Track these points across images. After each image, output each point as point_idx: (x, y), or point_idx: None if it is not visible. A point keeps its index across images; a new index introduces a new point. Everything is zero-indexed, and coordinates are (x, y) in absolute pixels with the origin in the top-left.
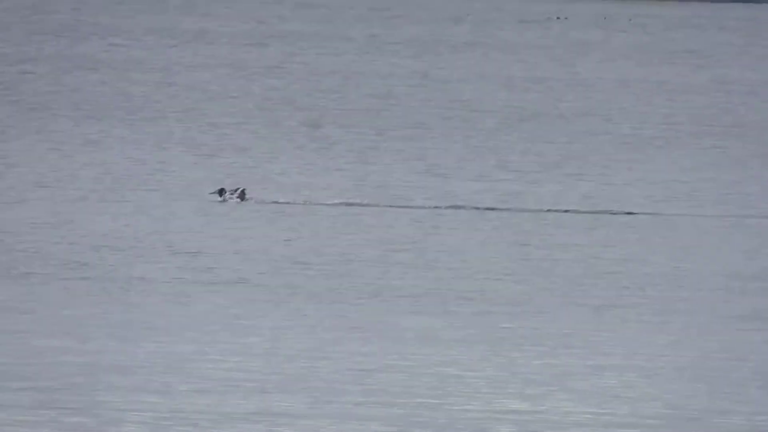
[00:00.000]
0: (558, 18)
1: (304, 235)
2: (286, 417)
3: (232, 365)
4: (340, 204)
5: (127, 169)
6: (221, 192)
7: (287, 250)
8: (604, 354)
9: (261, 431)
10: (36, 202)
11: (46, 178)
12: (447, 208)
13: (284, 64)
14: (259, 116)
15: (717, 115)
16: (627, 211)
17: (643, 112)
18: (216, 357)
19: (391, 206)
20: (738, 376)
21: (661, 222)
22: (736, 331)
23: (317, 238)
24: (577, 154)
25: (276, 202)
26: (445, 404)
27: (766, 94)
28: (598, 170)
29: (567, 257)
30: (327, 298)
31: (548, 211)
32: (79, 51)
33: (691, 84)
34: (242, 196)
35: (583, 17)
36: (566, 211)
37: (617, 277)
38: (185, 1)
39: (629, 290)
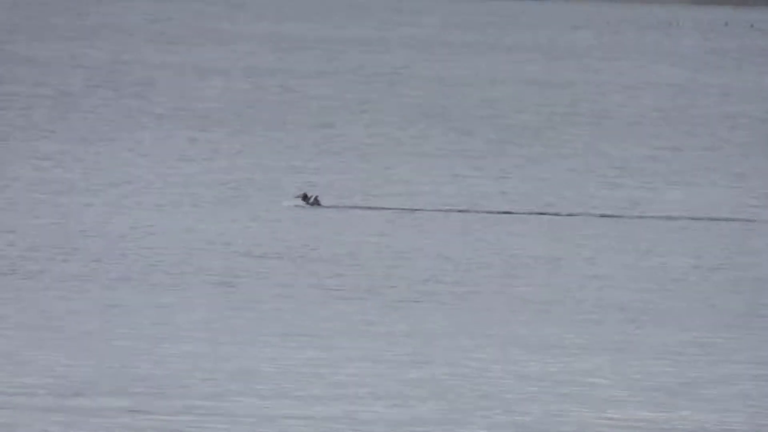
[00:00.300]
0: (678, 24)
1: (428, 243)
2: (411, 425)
3: (361, 371)
4: (464, 211)
5: (249, 176)
6: (305, 197)
7: (412, 257)
8: (734, 362)
9: None
10: (159, 209)
11: (168, 185)
12: (567, 215)
13: (404, 70)
14: (381, 122)
15: None
16: (750, 218)
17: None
18: (346, 364)
19: (512, 213)
20: None
21: None
22: None
23: (442, 246)
24: (701, 160)
25: (398, 209)
26: (571, 413)
27: None
28: (723, 178)
29: (690, 265)
30: (454, 306)
31: (672, 218)
32: (201, 58)
33: None
34: (317, 202)
35: (703, 23)
36: (690, 218)
37: (743, 284)
38: (305, 9)
39: (757, 297)
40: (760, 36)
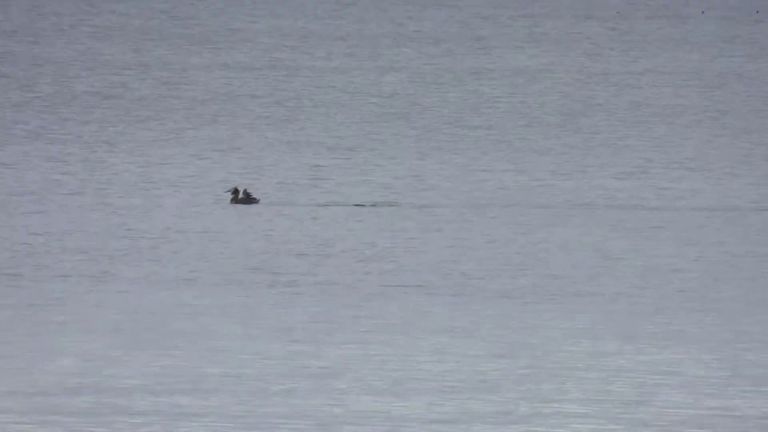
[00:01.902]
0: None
1: (500, 238)
2: (495, 417)
3: (434, 367)
4: (487, 205)
5: (309, 175)
6: (236, 191)
7: (488, 252)
8: None
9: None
10: (191, 209)
11: (196, 185)
12: (607, 207)
13: (426, 66)
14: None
15: None
16: None
17: None
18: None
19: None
20: None
21: None
22: None
23: (520, 241)
24: (728, 151)
25: (408, 205)
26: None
27: None
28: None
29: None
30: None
31: (702, 208)
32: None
33: None
34: (248, 197)
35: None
36: (714, 209)
37: None
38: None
39: None
40: None
